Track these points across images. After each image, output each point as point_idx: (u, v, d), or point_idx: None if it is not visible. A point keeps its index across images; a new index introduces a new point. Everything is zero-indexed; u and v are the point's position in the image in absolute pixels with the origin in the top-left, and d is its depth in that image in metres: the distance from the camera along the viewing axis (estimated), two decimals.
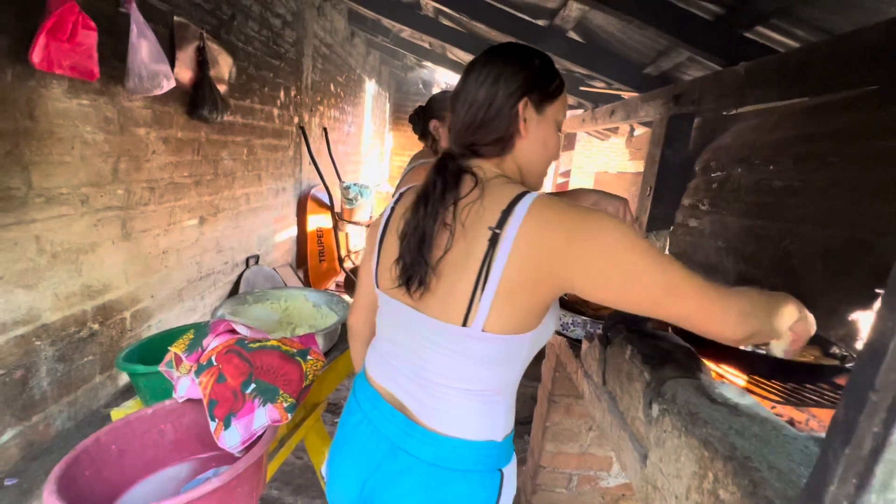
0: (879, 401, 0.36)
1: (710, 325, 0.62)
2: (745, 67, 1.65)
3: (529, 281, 0.61)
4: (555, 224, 0.60)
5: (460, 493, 0.68)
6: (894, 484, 0.35)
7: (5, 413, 1.24)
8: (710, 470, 0.67)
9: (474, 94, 0.70)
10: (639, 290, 0.59)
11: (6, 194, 1.17)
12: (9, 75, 1.15)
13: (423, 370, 0.69)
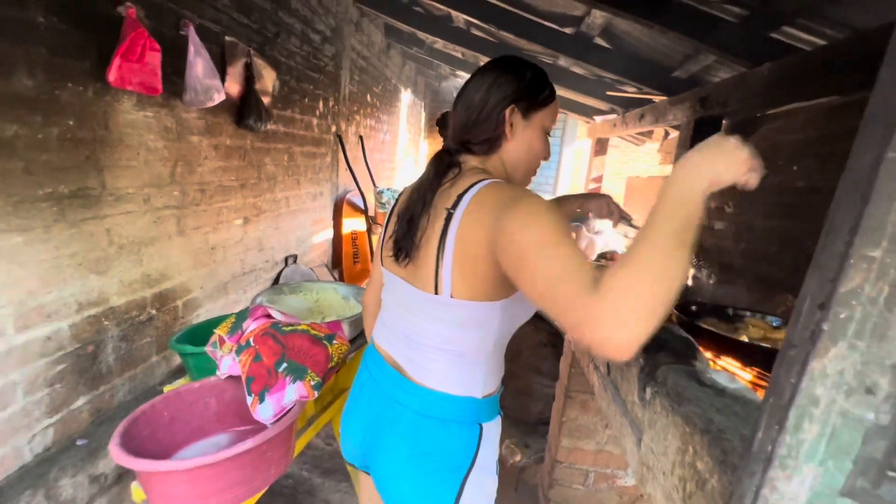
0: (796, 355, 0.42)
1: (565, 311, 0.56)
2: (769, 68, 1.65)
3: (472, 255, 0.70)
4: (490, 204, 0.68)
5: (442, 440, 0.78)
6: (804, 425, 0.41)
7: (79, 382, 1.43)
8: (690, 444, 0.72)
9: (471, 97, 0.80)
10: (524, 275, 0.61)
11: (85, 193, 1.37)
12: (90, 92, 1.35)
13: (412, 332, 0.80)
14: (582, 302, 0.53)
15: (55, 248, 1.30)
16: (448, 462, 0.79)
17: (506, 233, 0.64)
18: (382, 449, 0.83)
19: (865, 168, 0.39)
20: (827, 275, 0.41)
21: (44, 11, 1.19)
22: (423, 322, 0.78)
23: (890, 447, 0.38)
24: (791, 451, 0.42)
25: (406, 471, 0.81)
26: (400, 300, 0.83)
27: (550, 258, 0.58)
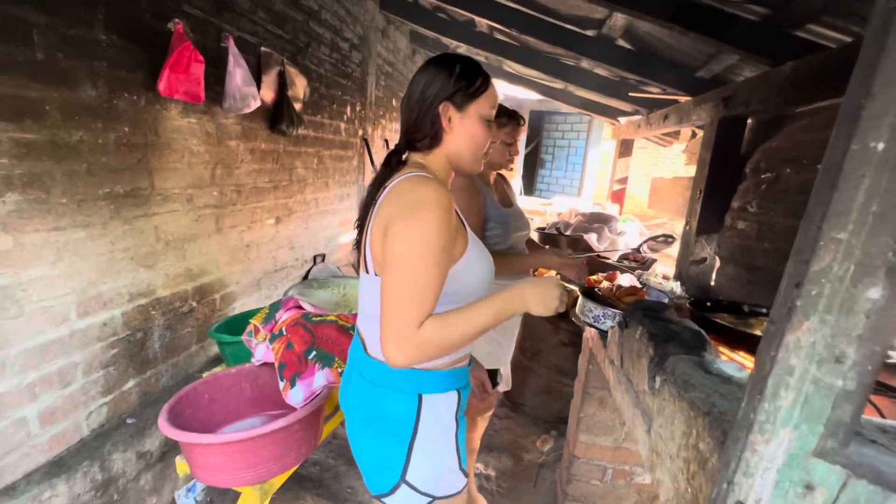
0: (775, 330, 0.46)
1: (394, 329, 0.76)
2: (791, 67, 1.65)
3: (379, 238, 0.80)
4: (395, 199, 0.79)
5: (385, 406, 0.88)
6: (781, 393, 0.45)
7: (129, 366, 1.56)
8: (693, 427, 0.75)
9: (410, 97, 0.86)
10: (387, 273, 0.78)
11: (137, 193, 1.50)
12: (143, 101, 1.48)
13: (364, 308, 0.91)
14: (405, 329, 0.75)
15: (111, 242, 1.43)
16: (393, 427, 0.88)
17: (392, 231, 0.77)
18: (348, 411, 0.96)
19: (837, 157, 0.43)
20: (801, 256, 0.45)
21: (105, 30, 1.32)
22: (366, 297, 0.88)
23: (856, 411, 0.42)
24: (769, 416, 0.46)
25: (362, 432, 0.92)
26: (360, 287, 0.94)
27: (408, 279, 0.75)
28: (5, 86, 1.08)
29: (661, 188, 3.48)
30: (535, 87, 4.79)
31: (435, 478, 0.90)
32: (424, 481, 0.89)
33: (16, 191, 1.14)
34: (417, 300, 0.74)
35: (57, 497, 1.27)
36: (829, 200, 0.42)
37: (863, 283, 0.41)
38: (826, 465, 0.43)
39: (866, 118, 0.40)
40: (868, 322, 0.41)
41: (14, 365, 1.19)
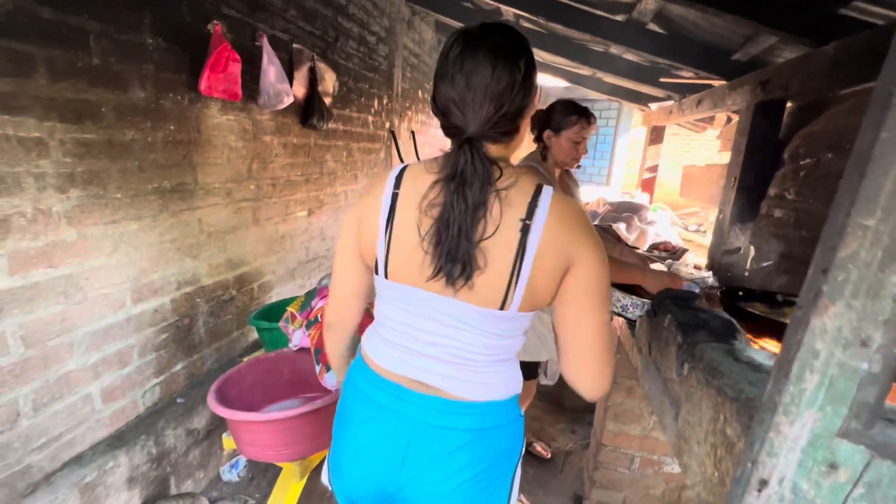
0: (802, 315, 0.47)
1: (600, 362, 0.74)
2: (835, 47, 1.58)
3: (550, 270, 0.68)
4: (567, 223, 0.68)
5: (502, 444, 0.77)
6: (805, 376, 0.46)
7: (178, 350, 1.67)
8: (721, 412, 0.76)
9: (498, 76, 0.66)
10: (596, 303, 0.71)
11: (182, 188, 1.60)
12: (186, 100, 1.56)
13: (459, 350, 0.73)
14: (607, 357, 0.74)
15: (160, 234, 1.53)
16: (505, 462, 0.78)
17: (585, 265, 0.69)
18: (427, 485, 0.75)
19: (866, 146, 0.44)
20: (829, 243, 0.46)
21: (152, 34, 1.40)
22: (473, 337, 0.72)
23: (880, 393, 0.43)
24: (794, 398, 0.47)
25: (468, 493, 0.75)
26: (435, 318, 0.72)
27: (606, 317, 0.72)
28: (68, 91, 1.18)
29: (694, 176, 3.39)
30: (562, 74, 4.71)
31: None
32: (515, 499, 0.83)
33: (78, 187, 1.23)
34: (609, 327, 0.74)
35: (119, 467, 1.39)
36: (858, 188, 0.43)
37: (890, 269, 0.42)
38: (850, 445, 0.45)
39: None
40: (895, 307, 0.42)
41: (81, 345, 1.30)
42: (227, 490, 1.80)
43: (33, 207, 1.13)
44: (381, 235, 0.73)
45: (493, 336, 0.72)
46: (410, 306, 0.74)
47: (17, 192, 1.09)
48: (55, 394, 1.25)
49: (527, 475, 2.04)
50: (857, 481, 0.45)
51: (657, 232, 3.01)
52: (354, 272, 0.81)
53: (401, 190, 0.73)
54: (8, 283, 1.10)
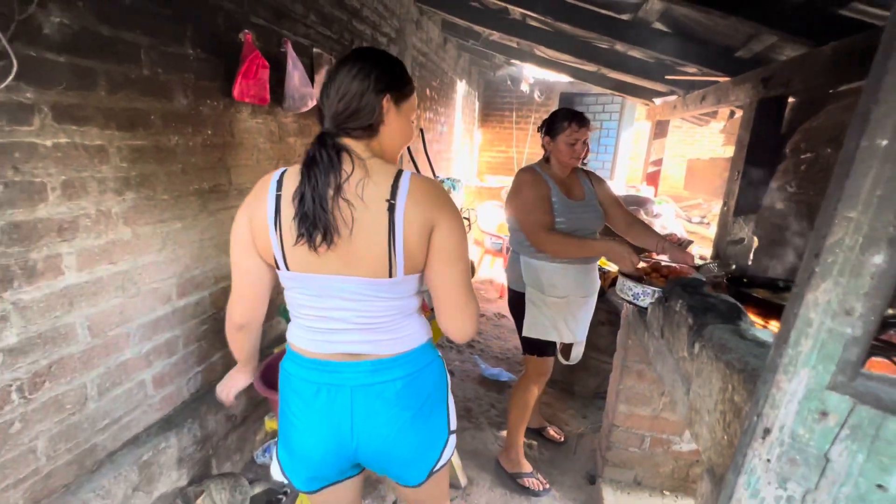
0: (798, 291, 0.58)
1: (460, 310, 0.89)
2: (832, 47, 1.67)
3: (417, 239, 0.82)
4: (428, 200, 0.83)
5: (426, 382, 0.94)
6: (801, 341, 0.56)
7: (216, 340, 1.78)
8: (729, 382, 0.87)
9: (347, 85, 0.82)
10: (453, 250, 0.85)
11: (218, 188, 1.70)
12: (221, 106, 1.66)
13: (365, 317, 0.86)
14: (476, 308, 0.91)
15: (200, 232, 1.64)
16: (436, 396, 0.96)
17: (443, 231, 0.84)
18: (376, 435, 0.89)
19: (850, 152, 0.53)
20: (820, 232, 0.56)
21: (192, 45, 1.50)
22: (376, 304, 0.86)
23: (861, 352, 0.53)
24: (791, 360, 0.58)
25: (410, 431, 0.90)
26: (338, 296, 0.85)
27: (467, 263, 0.88)
28: (123, 101, 1.28)
29: (698, 169, 3.47)
30: (567, 70, 4.78)
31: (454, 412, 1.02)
32: (454, 419, 1.01)
33: (132, 190, 1.34)
34: (468, 280, 0.90)
35: (169, 448, 1.51)
36: (843, 186, 0.53)
37: (869, 252, 0.52)
38: (837, 395, 0.55)
39: (874, 120, 0.51)
40: (872, 282, 0.52)
41: (135, 336, 1.41)
42: (261, 472, 1.91)
43: (96, 209, 1.24)
44: (272, 233, 0.84)
45: (388, 300, 0.87)
46: (313, 290, 0.86)
47: (83, 195, 1.20)
48: (115, 380, 1.36)
49: (542, 457, 2.15)
50: (843, 424, 0.55)
51: (663, 224, 3.10)
52: (255, 272, 0.93)
53: (282, 191, 0.84)
54: (77, 278, 1.21)
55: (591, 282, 1.81)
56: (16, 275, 1.06)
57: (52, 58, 1.08)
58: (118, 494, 1.33)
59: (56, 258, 1.15)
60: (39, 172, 1.09)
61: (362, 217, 0.81)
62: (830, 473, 0.56)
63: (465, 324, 0.90)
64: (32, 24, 1.04)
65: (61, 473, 1.23)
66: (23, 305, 1.09)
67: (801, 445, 0.58)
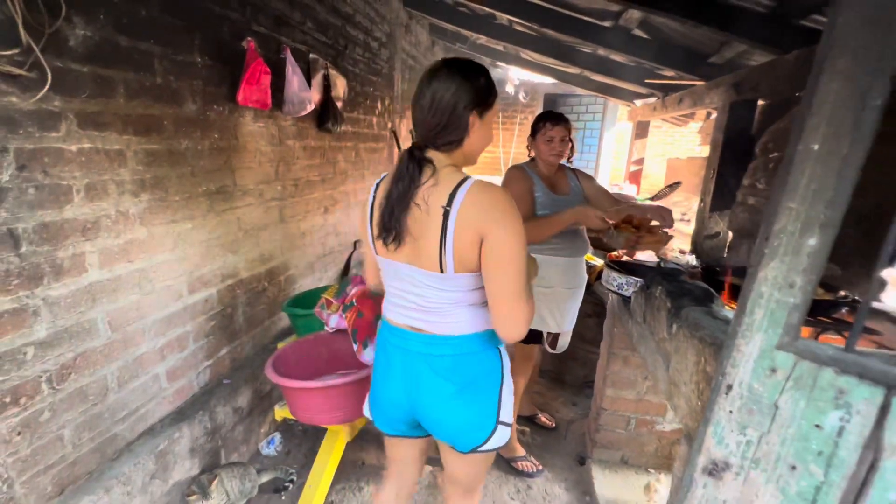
0: (753, 271, 0.69)
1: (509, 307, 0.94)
2: (795, 55, 1.82)
3: (468, 243, 0.91)
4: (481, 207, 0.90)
5: (476, 368, 1.03)
6: (755, 310, 0.68)
7: (223, 336, 1.85)
8: (702, 355, 0.99)
9: (440, 99, 0.91)
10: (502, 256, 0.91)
11: (224, 190, 1.77)
12: (226, 111, 1.74)
13: (425, 301, 1.00)
14: (527, 311, 0.95)
15: (208, 232, 1.71)
16: (485, 383, 1.04)
17: (495, 238, 0.90)
18: (428, 398, 1.03)
19: (791, 154, 0.65)
20: (769, 220, 0.68)
21: (200, 53, 1.57)
22: (433, 292, 0.98)
23: (801, 317, 0.65)
24: (748, 326, 0.69)
25: (455, 403, 1.02)
26: (407, 280, 1.00)
27: (520, 274, 0.92)
28: (139, 107, 1.35)
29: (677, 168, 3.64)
30: (551, 72, 4.93)
31: (510, 411, 1.09)
32: (508, 415, 1.08)
33: (147, 191, 1.41)
34: (524, 285, 0.94)
35: (183, 438, 1.58)
36: (786, 182, 0.65)
37: (806, 235, 0.64)
38: (784, 353, 0.67)
39: (808, 128, 0.63)
40: (809, 260, 0.64)
41: (150, 331, 1.48)
42: (267, 462, 1.99)
43: (115, 210, 1.31)
44: (368, 226, 1.04)
45: (442, 291, 0.98)
46: (392, 273, 1.03)
47: (104, 197, 1.27)
48: (133, 372, 1.43)
49: (535, 442, 2.27)
50: (789, 377, 0.67)
51: None
52: (370, 252, 1.10)
53: (376, 195, 1.01)
54: (98, 275, 1.28)
55: (577, 275, 1.93)
56: (45, 272, 1.13)
57: (76, 68, 1.16)
58: (137, 481, 1.40)
59: (80, 257, 1.22)
60: (66, 176, 1.16)
61: (425, 220, 0.93)
62: (779, 419, 0.68)
63: (508, 326, 0.96)
64: (60, 37, 1.11)
65: (85, 461, 1.30)
66: (51, 301, 1.15)
67: (756, 397, 0.70)
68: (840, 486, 0.64)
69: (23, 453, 1.12)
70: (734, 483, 0.73)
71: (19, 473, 1.12)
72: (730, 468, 0.74)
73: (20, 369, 1.10)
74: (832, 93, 0.61)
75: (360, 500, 1.83)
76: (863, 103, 0.59)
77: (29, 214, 1.08)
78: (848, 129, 0.60)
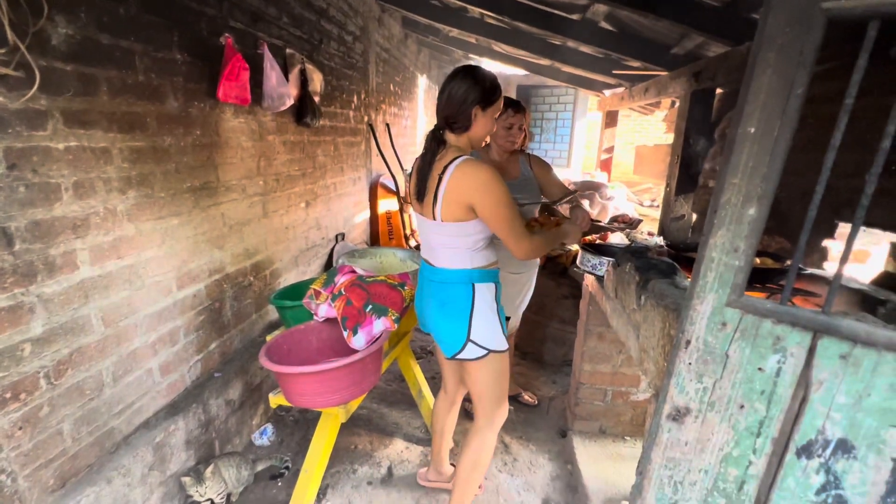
0: (704, 239, 0.80)
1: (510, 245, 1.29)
2: (747, 47, 1.96)
3: (452, 203, 1.26)
4: (465, 180, 1.23)
5: (451, 294, 1.37)
6: (707, 273, 0.79)
7: (212, 330, 1.88)
8: (667, 321, 1.10)
9: (454, 96, 1.27)
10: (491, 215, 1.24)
11: (207, 186, 1.79)
12: (207, 107, 1.75)
13: (429, 242, 1.40)
14: (524, 241, 1.29)
15: (194, 228, 1.73)
16: (456, 306, 1.36)
17: (481, 203, 1.23)
18: (427, 309, 1.46)
19: (733, 136, 0.76)
20: (717, 194, 0.78)
21: (179, 50, 1.59)
22: (432, 235, 1.37)
23: (744, 277, 0.76)
24: (702, 288, 0.80)
25: (437, 316, 1.40)
26: (423, 227, 1.41)
27: (509, 219, 1.25)
28: (123, 105, 1.36)
29: (645, 155, 3.81)
30: (522, 64, 5.03)
31: (488, 337, 1.38)
32: (482, 338, 1.37)
33: (133, 188, 1.43)
34: (518, 225, 1.27)
35: (178, 430, 1.61)
36: (730, 160, 0.75)
37: (746, 206, 0.74)
38: (731, 310, 0.78)
39: (746, 114, 0.73)
40: (749, 227, 0.74)
41: (142, 326, 1.50)
42: (261, 452, 2.03)
43: (104, 207, 1.33)
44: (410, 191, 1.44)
45: (437, 235, 1.35)
46: (419, 223, 1.42)
47: (92, 194, 1.28)
48: (127, 367, 1.45)
49: (518, 419, 2.39)
50: (736, 329, 0.78)
51: (616, 206, 3.40)
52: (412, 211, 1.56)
53: (413, 167, 1.43)
54: (90, 272, 1.30)
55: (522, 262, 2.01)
56: (39, 269, 1.15)
57: (60, 67, 1.17)
58: (137, 473, 1.44)
59: (72, 254, 1.24)
60: (54, 174, 1.17)
61: (432, 183, 1.29)
62: (729, 366, 0.79)
63: (513, 251, 1.30)
64: (43, 36, 1.12)
65: (85, 454, 1.32)
66: (46, 298, 1.17)
67: (710, 349, 0.81)
68: (779, 419, 0.76)
69: (25, 447, 1.15)
70: (694, 425, 0.84)
71: (22, 467, 1.14)
72: (690, 412, 0.84)
73: (18, 365, 1.12)
74: (764, 83, 0.71)
75: (353, 481, 1.90)
76: (789, 92, 0.69)
77: (20, 213, 1.10)
78: (777, 115, 0.70)
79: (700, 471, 0.85)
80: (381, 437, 2.17)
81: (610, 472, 1.93)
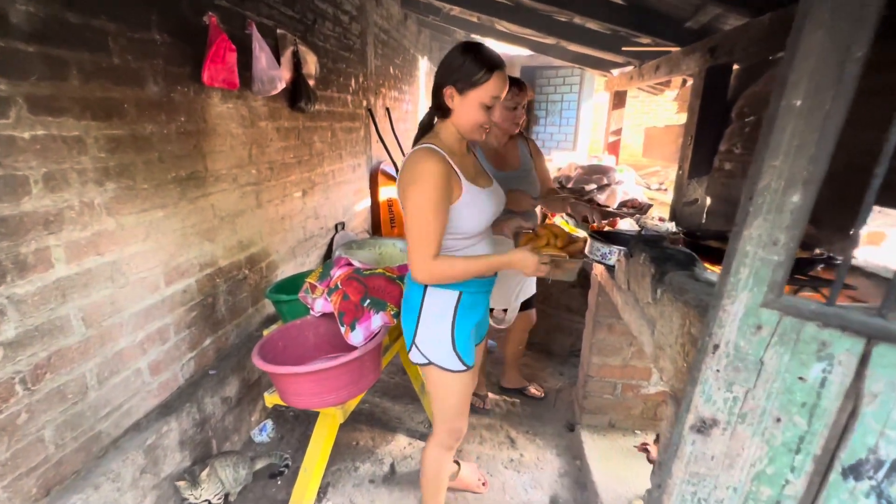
0: (737, 230, 0.70)
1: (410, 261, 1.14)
2: (769, 17, 1.82)
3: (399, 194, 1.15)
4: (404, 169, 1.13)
5: (407, 293, 1.29)
6: (741, 270, 0.69)
7: (205, 326, 1.81)
8: (687, 318, 1.00)
9: (435, 75, 1.15)
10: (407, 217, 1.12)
11: (195, 175, 1.70)
12: (191, 92, 1.65)
13: None
14: (420, 260, 1.11)
15: (181, 220, 1.64)
16: (408, 306, 1.28)
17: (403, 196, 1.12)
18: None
19: (774, 111, 0.65)
20: (752, 179, 0.68)
21: (158, 30, 1.48)
22: None
23: (785, 273, 0.66)
24: (734, 286, 0.70)
25: (403, 314, 1.33)
26: None
27: (417, 229, 1.09)
28: (97, 90, 1.27)
29: (655, 136, 3.65)
30: (526, 44, 4.84)
31: (431, 347, 1.25)
32: (424, 346, 1.26)
33: (112, 180, 1.34)
34: (425, 241, 1.09)
35: (171, 431, 1.55)
36: (769, 140, 0.65)
37: (788, 193, 0.64)
38: (768, 311, 0.68)
39: (790, 84, 0.62)
40: (792, 217, 0.64)
41: (128, 325, 1.43)
42: (260, 450, 1.98)
43: (79, 201, 1.24)
44: None
45: None
46: None
47: (65, 187, 1.20)
48: (113, 368, 1.38)
49: (525, 412, 2.32)
50: (774, 333, 0.68)
51: (625, 190, 3.28)
52: None
53: None
54: (67, 270, 1.22)
55: None
56: (8, 269, 1.07)
57: (22, 48, 1.07)
58: (127, 477, 1.38)
59: (45, 251, 1.16)
60: (21, 166, 1.09)
61: None
62: (764, 374, 0.70)
63: (414, 270, 1.14)
64: (0, 14, 1.02)
65: (70, 460, 1.26)
66: (17, 299, 1.10)
67: (742, 355, 0.71)
68: (823, 435, 0.67)
69: (1, 457, 1.08)
70: (722, 438, 0.75)
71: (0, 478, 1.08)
72: (717, 424, 0.76)
73: None
74: (814, 46, 0.60)
75: (355, 479, 1.84)
76: (845, 56, 0.58)
77: None
78: (830, 83, 0.60)
79: (728, 488, 0.77)
80: (384, 433, 2.11)
81: (620, 467, 1.86)
